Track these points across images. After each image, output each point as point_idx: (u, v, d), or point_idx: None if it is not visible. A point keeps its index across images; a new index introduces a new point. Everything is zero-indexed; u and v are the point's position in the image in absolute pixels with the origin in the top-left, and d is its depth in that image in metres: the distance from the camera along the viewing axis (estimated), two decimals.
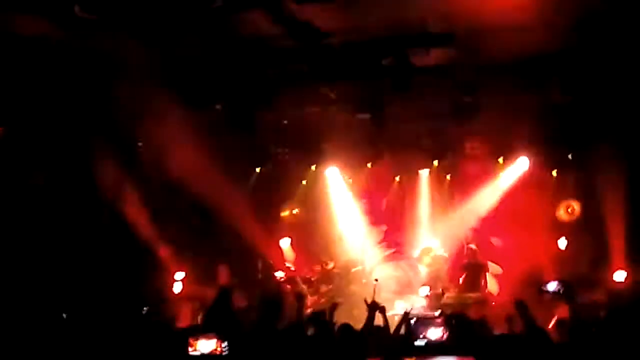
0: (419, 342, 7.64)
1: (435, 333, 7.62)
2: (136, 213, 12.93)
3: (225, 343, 7.41)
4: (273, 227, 15.03)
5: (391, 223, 15.06)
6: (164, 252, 13.36)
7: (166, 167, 12.52)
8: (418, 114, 12.98)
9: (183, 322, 11.63)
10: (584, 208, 13.12)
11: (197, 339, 7.47)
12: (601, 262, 11.72)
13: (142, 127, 11.94)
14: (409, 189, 15.08)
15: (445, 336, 7.60)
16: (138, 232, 12.85)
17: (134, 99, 11.03)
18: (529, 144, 12.88)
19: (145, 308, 10.13)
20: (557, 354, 7.03)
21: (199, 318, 11.39)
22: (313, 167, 15.39)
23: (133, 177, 12.94)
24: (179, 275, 13.64)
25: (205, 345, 7.42)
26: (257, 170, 15.24)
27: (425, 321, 7.84)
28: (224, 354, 7.34)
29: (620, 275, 11.43)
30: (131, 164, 12.93)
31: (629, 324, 7.58)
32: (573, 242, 13.16)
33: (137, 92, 10.87)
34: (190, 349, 7.43)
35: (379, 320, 8.61)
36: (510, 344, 6.70)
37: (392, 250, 14.96)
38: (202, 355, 7.39)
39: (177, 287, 13.57)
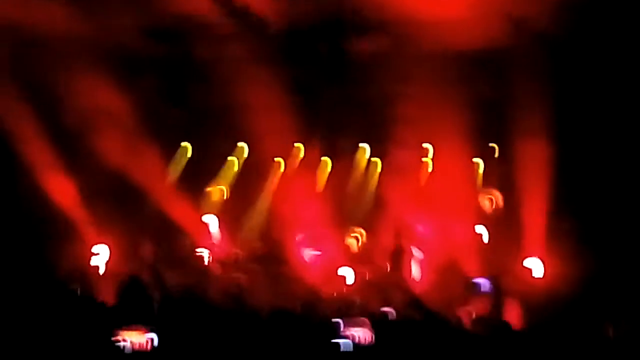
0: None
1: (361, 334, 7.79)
2: (59, 184, 12.67)
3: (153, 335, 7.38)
4: (199, 204, 14.96)
5: (319, 205, 15.13)
6: (86, 225, 13.13)
7: (91, 136, 12.27)
8: (350, 100, 13.09)
9: (104, 297, 11.48)
10: (506, 200, 13.52)
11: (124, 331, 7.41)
12: (519, 254, 12.12)
13: (67, 93, 11.65)
14: (338, 173, 15.22)
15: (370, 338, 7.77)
16: (59, 203, 12.61)
17: (57, 64, 10.77)
18: (456, 134, 13.14)
19: (74, 286, 9.92)
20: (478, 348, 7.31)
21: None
22: (242, 145, 15.33)
23: (57, 147, 12.64)
24: (101, 249, 13.43)
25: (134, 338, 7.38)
26: (184, 145, 15.12)
27: (350, 321, 7.96)
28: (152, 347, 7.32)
29: (536, 268, 11.85)
30: (55, 132, 12.62)
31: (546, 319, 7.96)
32: (494, 232, 13.56)
33: (61, 56, 10.62)
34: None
35: None
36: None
37: (319, 232, 15.05)
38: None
39: (98, 262, 13.37)
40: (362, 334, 7.83)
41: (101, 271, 13.08)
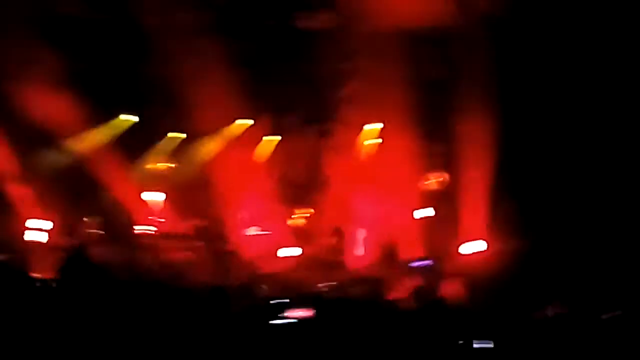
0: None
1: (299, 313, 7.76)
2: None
3: None
4: (141, 179, 14.69)
5: (262, 182, 15.03)
6: (24, 199, 12.84)
7: (31, 111, 11.99)
8: (297, 77, 13.00)
9: (42, 273, 11.22)
10: (450, 180, 13.62)
11: None
12: (460, 235, 12.25)
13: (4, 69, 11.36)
14: (281, 150, 15.13)
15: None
16: None
17: None
18: (401, 113, 13.18)
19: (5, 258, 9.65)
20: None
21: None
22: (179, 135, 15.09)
23: None
24: (39, 224, 13.12)
25: None
26: (125, 117, 14.80)
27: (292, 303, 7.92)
28: None
29: (473, 247, 12.00)
30: None
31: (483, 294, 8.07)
32: (436, 213, 13.66)
33: None
34: None
35: None
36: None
37: (261, 209, 14.96)
38: None
39: (36, 236, 13.06)
40: (302, 314, 7.81)
41: (38, 244, 12.76)
